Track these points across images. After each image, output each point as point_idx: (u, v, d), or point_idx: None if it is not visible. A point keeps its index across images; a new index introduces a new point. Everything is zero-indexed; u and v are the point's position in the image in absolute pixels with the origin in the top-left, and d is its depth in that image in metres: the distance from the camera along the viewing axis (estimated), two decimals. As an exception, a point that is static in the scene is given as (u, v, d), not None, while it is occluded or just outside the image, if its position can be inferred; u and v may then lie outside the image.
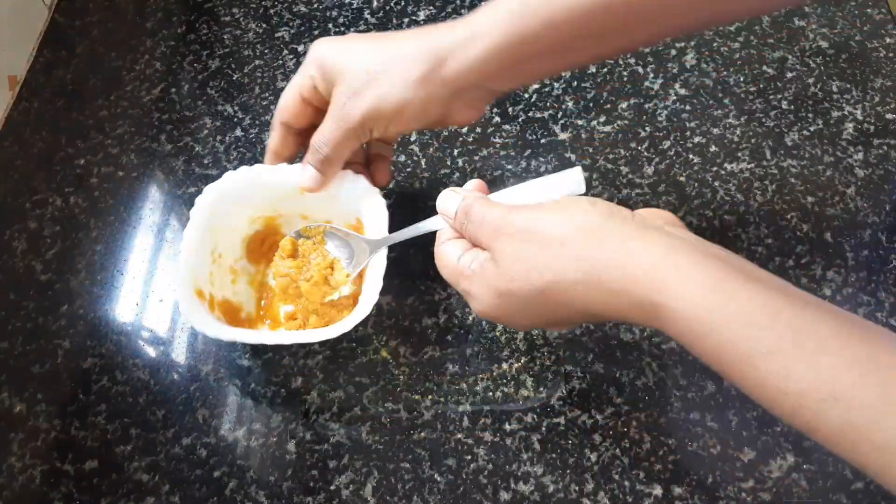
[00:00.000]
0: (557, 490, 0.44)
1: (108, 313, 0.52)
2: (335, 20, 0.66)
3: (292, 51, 0.64)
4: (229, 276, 0.50)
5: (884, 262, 0.51)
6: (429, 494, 0.45)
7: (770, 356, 0.30)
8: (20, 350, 0.51)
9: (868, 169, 0.55)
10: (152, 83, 0.63)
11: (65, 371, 0.50)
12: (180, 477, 0.46)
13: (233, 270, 0.50)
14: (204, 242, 0.47)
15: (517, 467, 0.45)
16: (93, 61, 0.64)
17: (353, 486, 0.45)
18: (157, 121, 0.61)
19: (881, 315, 0.49)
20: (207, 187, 0.48)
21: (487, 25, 0.41)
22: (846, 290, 0.50)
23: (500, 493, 0.44)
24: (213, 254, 0.48)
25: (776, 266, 0.51)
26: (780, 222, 0.53)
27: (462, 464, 0.45)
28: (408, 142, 0.59)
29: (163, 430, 0.47)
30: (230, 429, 0.47)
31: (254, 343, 0.45)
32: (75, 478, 0.46)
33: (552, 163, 0.57)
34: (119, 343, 0.51)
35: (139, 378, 0.49)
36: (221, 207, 0.48)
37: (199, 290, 0.46)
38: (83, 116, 0.61)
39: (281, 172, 0.48)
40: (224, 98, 0.62)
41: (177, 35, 0.66)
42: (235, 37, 0.65)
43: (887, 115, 0.58)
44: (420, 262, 0.53)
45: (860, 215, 0.53)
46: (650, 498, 0.44)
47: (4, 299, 0.53)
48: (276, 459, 0.46)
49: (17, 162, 0.59)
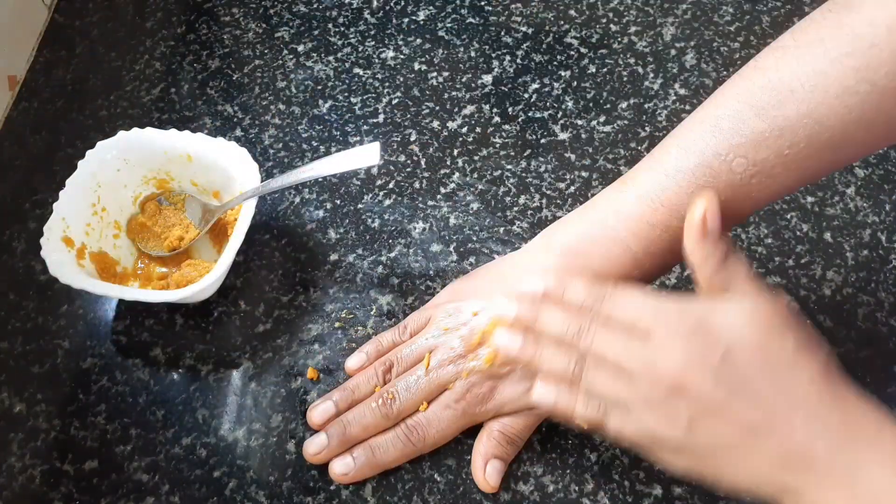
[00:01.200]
0: (557, 490, 0.44)
1: (108, 313, 0.52)
2: (335, 20, 0.66)
3: (292, 51, 0.64)
4: (112, 231, 0.52)
5: (884, 262, 0.51)
6: (429, 494, 0.45)
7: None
8: (20, 350, 0.51)
9: (868, 169, 0.55)
10: (152, 83, 0.63)
11: (64, 371, 0.50)
12: (180, 477, 0.46)
13: (117, 225, 0.53)
14: (86, 193, 0.50)
15: (517, 467, 0.45)
16: (93, 61, 0.64)
17: (353, 486, 0.45)
18: (157, 121, 0.61)
19: (881, 315, 0.49)
20: (99, 143, 0.51)
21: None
22: (846, 290, 0.50)
23: (500, 493, 0.44)
24: (95, 206, 0.51)
25: (776, 266, 0.51)
26: (780, 222, 0.53)
27: (462, 464, 0.45)
28: (408, 142, 0.59)
29: (162, 430, 0.47)
30: (230, 429, 0.47)
31: (101, 294, 0.47)
32: (75, 478, 0.46)
33: (552, 163, 0.57)
34: (119, 343, 0.51)
35: (139, 378, 0.49)
36: (111, 164, 0.51)
37: (67, 238, 0.48)
38: (83, 116, 0.61)
39: (170, 137, 0.52)
40: (224, 98, 0.62)
41: (176, 35, 0.66)
42: (235, 37, 0.65)
43: (887, 115, 0.57)
44: (420, 262, 0.53)
45: (860, 215, 0.53)
46: (650, 498, 0.44)
47: (4, 299, 0.53)
48: (276, 459, 0.46)
49: (17, 162, 0.59)
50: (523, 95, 0.61)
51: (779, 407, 0.33)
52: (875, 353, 0.48)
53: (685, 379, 0.34)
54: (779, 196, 0.41)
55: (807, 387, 0.33)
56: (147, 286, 0.52)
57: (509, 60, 0.63)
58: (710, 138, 0.39)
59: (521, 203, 0.55)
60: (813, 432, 0.32)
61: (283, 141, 0.59)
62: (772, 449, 0.33)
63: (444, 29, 0.65)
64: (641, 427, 0.36)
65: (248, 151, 0.51)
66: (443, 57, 0.63)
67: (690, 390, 0.34)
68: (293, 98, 0.61)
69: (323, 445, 0.45)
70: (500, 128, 0.59)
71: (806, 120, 0.37)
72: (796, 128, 0.37)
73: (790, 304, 0.37)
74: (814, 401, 0.33)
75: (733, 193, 0.39)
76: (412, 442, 0.44)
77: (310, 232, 0.55)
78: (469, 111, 0.60)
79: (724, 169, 0.39)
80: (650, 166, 0.42)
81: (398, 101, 0.61)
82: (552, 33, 0.64)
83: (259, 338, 0.50)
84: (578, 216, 0.44)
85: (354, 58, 0.63)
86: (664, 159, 0.41)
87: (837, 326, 0.49)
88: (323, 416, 0.46)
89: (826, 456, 0.32)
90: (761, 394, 0.33)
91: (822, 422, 0.32)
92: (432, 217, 0.55)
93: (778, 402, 0.33)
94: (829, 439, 0.32)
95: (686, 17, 0.64)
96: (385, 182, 0.57)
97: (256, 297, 0.52)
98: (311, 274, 0.53)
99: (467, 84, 0.61)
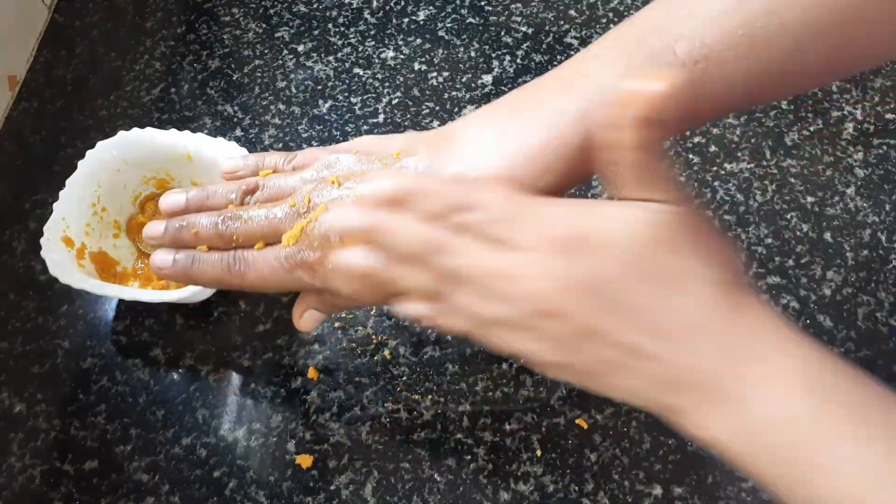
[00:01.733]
0: (557, 490, 0.44)
1: (108, 313, 0.52)
2: (335, 20, 0.66)
3: (292, 51, 0.64)
4: (112, 231, 0.52)
5: (884, 262, 0.51)
6: (429, 494, 0.45)
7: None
8: (20, 350, 0.51)
9: (868, 169, 0.55)
10: (152, 83, 0.63)
11: (64, 371, 0.50)
12: (180, 477, 0.46)
13: (117, 225, 0.53)
14: (86, 193, 0.50)
15: (517, 467, 0.45)
16: (93, 61, 0.64)
17: (352, 486, 0.45)
18: (157, 121, 0.61)
19: (881, 315, 0.49)
20: (99, 143, 0.51)
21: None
22: (846, 289, 0.50)
23: (499, 493, 0.44)
24: (95, 206, 0.51)
25: (776, 266, 0.51)
26: (780, 222, 0.53)
27: (462, 464, 0.45)
28: (408, 142, 0.59)
29: (162, 430, 0.47)
30: (230, 429, 0.47)
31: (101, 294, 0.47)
32: (75, 478, 0.46)
33: (552, 163, 0.57)
34: (119, 343, 0.51)
35: (139, 378, 0.49)
36: (112, 163, 0.51)
37: (67, 238, 0.48)
38: (83, 116, 0.61)
39: (170, 137, 0.51)
40: (224, 98, 0.62)
41: (176, 35, 0.66)
42: (235, 37, 0.65)
43: (887, 114, 0.58)
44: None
45: (860, 215, 0.53)
46: (650, 498, 0.44)
47: (4, 299, 0.53)
48: (276, 459, 0.46)
49: (17, 162, 0.59)
50: (523, 95, 0.61)
51: (663, 327, 0.30)
52: (875, 353, 0.48)
53: (557, 300, 0.31)
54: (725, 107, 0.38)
55: (699, 305, 0.30)
56: (147, 286, 0.52)
57: (509, 60, 0.63)
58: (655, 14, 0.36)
59: (521, 203, 0.55)
60: (701, 353, 0.30)
61: (283, 141, 0.59)
62: (655, 370, 0.31)
63: (444, 29, 0.65)
64: (521, 346, 0.33)
65: (248, 151, 0.51)
66: (443, 57, 0.63)
67: (563, 312, 0.31)
68: (293, 98, 0.61)
69: (159, 232, 0.42)
70: (500, 128, 0.59)
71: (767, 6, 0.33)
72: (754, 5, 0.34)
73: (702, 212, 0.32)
74: (706, 319, 0.30)
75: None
76: (230, 272, 0.40)
77: (310, 232, 0.55)
78: (469, 111, 0.60)
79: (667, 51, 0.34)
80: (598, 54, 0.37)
81: (398, 101, 0.61)
82: (552, 33, 0.64)
83: (259, 338, 0.50)
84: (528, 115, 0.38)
85: (354, 58, 0.63)
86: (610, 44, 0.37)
87: (837, 326, 0.49)
88: (171, 206, 0.43)
89: (713, 378, 0.30)
90: (644, 314, 0.30)
91: (714, 342, 0.30)
92: (432, 217, 0.55)
93: (662, 322, 0.30)
94: (719, 360, 0.30)
95: (686, 17, 0.64)
96: (385, 182, 0.57)
97: (256, 297, 0.52)
98: (311, 274, 0.53)
99: (467, 84, 0.61)
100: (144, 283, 0.52)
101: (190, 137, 0.52)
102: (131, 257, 0.53)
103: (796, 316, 0.49)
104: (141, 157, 0.52)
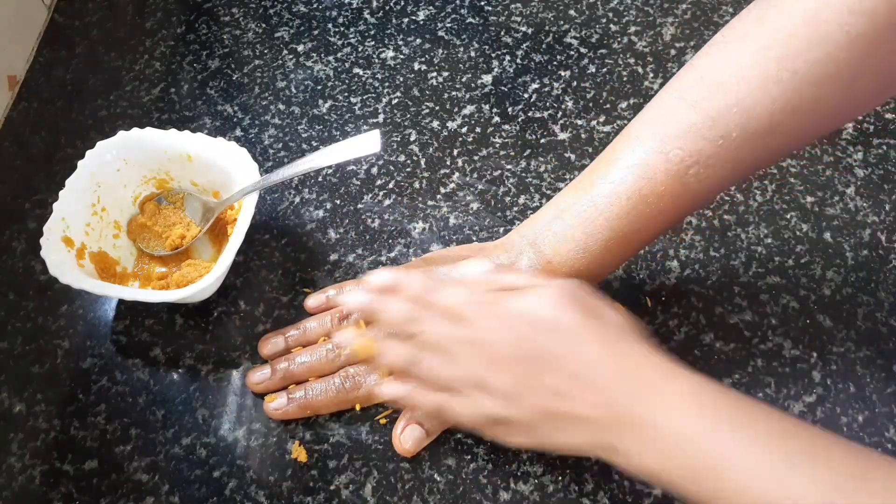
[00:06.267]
0: (557, 490, 0.44)
1: (108, 313, 0.52)
2: (335, 20, 0.66)
3: (292, 51, 0.64)
4: (112, 231, 0.52)
5: (884, 262, 0.51)
6: (428, 494, 0.45)
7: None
8: (20, 350, 0.51)
9: (868, 169, 0.55)
10: (152, 83, 0.63)
11: (64, 371, 0.50)
12: (180, 477, 0.46)
13: (117, 226, 0.53)
14: (85, 194, 0.50)
15: (517, 467, 0.45)
16: (92, 61, 0.64)
17: (352, 486, 0.45)
18: (157, 121, 0.61)
19: (881, 315, 0.49)
20: (99, 143, 0.51)
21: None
22: (846, 290, 0.50)
23: (499, 493, 0.44)
24: (95, 206, 0.51)
25: (776, 266, 0.51)
26: (780, 222, 0.53)
27: (462, 464, 0.45)
28: (408, 141, 0.59)
29: (162, 430, 0.47)
30: (230, 429, 0.47)
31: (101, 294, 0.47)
32: (75, 478, 0.46)
33: (552, 163, 0.57)
34: (119, 343, 0.51)
35: (139, 378, 0.49)
36: (111, 164, 0.51)
37: (67, 238, 0.49)
38: (83, 116, 0.61)
39: (170, 137, 0.52)
40: (224, 98, 0.62)
41: (176, 35, 0.66)
42: (235, 37, 0.65)
43: (887, 114, 0.58)
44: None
45: (860, 215, 0.53)
46: (650, 498, 0.44)
47: (4, 299, 0.53)
48: (276, 459, 0.46)
49: (17, 162, 0.59)
50: (523, 95, 0.61)
51: (575, 372, 0.37)
52: (875, 353, 0.48)
53: (496, 356, 0.38)
54: (719, 189, 0.43)
55: (599, 351, 0.37)
56: (147, 286, 0.52)
57: (509, 60, 0.63)
58: (648, 132, 0.42)
59: (520, 203, 0.55)
60: (611, 391, 0.36)
61: (283, 141, 0.59)
62: (579, 410, 0.36)
63: (444, 29, 0.65)
64: (474, 408, 0.38)
65: (248, 151, 0.51)
66: (443, 57, 0.63)
67: (502, 366, 0.38)
68: (293, 98, 0.61)
69: (266, 377, 0.47)
70: (499, 128, 0.59)
71: (735, 109, 0.39)
72: (726, 118, 0.40)
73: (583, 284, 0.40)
74: (608, 363, 0.37)
75: (672, 185, 0.41)
76: (346, 389, 0.46)
77: (310, 232, 0.55)
78: (469, 111, 0.60)
79: (661, 160, 0.41)
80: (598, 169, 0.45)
81: (398, 101, 0.61)
82: (552, 33, 0.64)
83: (259, 338, 0.50)
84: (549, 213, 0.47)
85: (354, 58, 0.63)
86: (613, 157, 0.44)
87: (837, 326, 0.49)
88: (272, 350, 0.49)
89: (626, 410, 0.35)
90: (560, 363, 0.37)
91: (619, 381, 0.36)
92: (432, 217, 0.55)
93: (575, 368, 0.37)
94: (625, 395, 0.36)
95: (686, 17, 0.64)
96: (385, 182, 0.57)
97: (256, 297, 0.52)
98: (310, 274, 0.53)
99: (467, 84, 0.61)
100: (144, 283, 0.52)
101: (190, 138, 0.52)
102: (131, 257, 0.53)
103: (796, 316, 0.49)
104: (141, 157, 0.52)
